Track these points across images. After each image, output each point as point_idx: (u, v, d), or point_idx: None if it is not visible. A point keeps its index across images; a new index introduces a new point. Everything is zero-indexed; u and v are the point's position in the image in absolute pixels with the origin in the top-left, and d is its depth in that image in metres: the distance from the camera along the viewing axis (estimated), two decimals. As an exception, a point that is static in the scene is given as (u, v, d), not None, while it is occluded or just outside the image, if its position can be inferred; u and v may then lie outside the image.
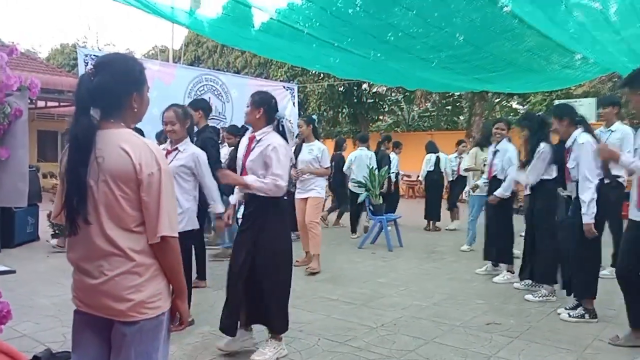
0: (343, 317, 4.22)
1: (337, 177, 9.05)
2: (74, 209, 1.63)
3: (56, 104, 13.41)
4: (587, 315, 4.09)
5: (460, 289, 5.22)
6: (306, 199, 6.00)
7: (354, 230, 8.70)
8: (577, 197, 4.04)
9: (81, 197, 1.63)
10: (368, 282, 5.47)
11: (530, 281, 5.09)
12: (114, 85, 1.70)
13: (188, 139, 3.99)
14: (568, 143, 4.21)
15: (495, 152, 5.79)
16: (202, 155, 3.96)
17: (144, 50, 42.15)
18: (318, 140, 6.26)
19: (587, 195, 3.91)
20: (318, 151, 5.99)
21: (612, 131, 5.35)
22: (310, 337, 3.71)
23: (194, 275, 4.86)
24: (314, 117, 6.52)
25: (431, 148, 9.79)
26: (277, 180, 3.27)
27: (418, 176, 10.16)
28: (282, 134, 3.49)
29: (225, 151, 6.75)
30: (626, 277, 3.55)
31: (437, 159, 9.59)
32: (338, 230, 9.38)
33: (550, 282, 4.75)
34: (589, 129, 4.18)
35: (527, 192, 5.12)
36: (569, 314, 4.15)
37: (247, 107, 3.47)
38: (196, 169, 3.90)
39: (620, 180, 5.00)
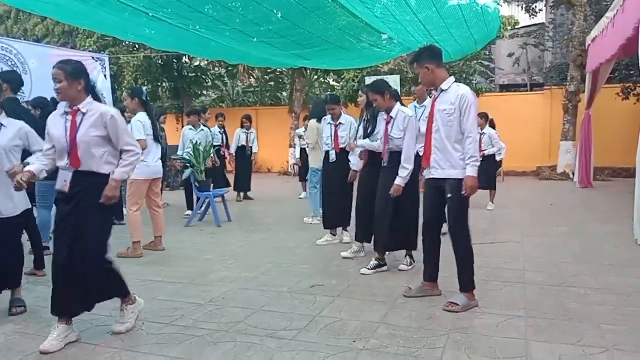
0: (169, 297, 4.09)
1: None
2: None
3: None
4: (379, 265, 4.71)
5: (286, 256, 5.43)
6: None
7: (189, 207, 8.34)
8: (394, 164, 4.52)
9: None
10: (195, 259, 5.38)
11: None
12: None
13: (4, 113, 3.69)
14: (392, 114, 4.62)
15: (337, 125, 5.98)
16: (27, 126, 3.78)
17: None
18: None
19: (412, 164, 4.46)
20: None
21: (424, 106, 5.92)
22: (134, 322, 3.53)
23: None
24: (144, 88, 6.01)
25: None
26: (133, 148, 3.18)
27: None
28: (99, 99, 3.26)
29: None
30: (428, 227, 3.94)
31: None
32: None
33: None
34: (402, 103, 4.76)
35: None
36: (367, 268, 4.70)
37: (60, 82, 3.03)
38: (27, 141, 3.73)
39: None
